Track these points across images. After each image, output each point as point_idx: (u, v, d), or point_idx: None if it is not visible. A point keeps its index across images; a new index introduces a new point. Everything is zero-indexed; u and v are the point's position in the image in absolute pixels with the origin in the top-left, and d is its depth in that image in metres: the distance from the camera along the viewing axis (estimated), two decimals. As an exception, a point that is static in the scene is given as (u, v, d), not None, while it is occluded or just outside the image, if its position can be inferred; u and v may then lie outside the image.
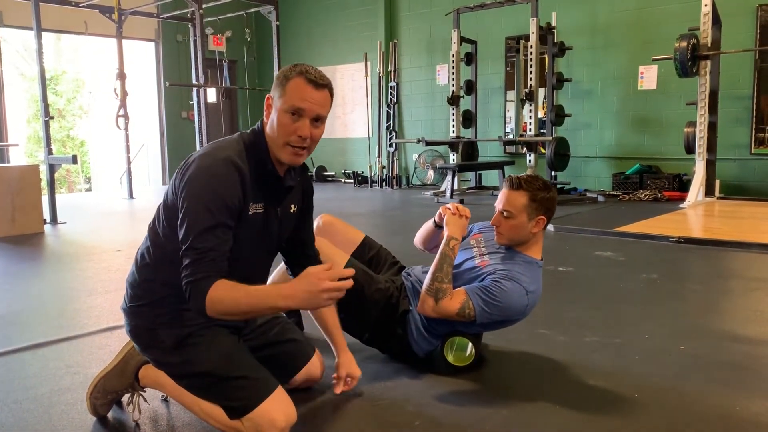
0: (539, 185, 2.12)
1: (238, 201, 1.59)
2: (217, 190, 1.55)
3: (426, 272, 2.19)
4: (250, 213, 1.66)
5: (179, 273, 1.55)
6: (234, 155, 1.61)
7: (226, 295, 1.49)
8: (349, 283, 1.48)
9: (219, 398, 1.66)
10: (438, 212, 2.25)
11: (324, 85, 1.65)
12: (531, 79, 7.41)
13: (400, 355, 2.25)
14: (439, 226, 2.28)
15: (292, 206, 1.83)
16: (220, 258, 1.53)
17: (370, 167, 9.83)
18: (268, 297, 1.53)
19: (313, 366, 1.99)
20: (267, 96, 1.68)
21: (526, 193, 2.09)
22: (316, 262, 1.91)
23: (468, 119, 8.89)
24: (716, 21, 6.47)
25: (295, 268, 1.93)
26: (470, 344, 2.16)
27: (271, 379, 1.70)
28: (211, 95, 10.09)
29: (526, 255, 2.16)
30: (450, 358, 2.18)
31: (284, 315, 2.08)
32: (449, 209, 2.18)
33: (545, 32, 7.72)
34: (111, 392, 1.85)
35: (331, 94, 1.70)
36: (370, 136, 10.08)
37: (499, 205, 2.14)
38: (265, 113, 1.69)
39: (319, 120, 1.66)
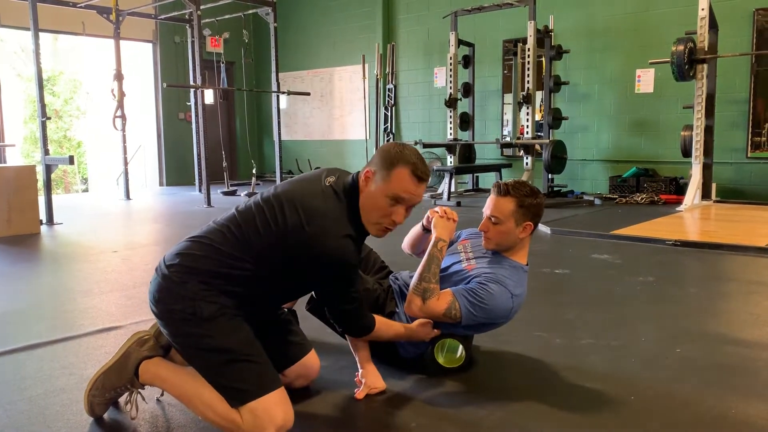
0: (526, 191, 2.13)
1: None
2: (354, 264, 1.79)
3: (413, 277, 2.19)
4: None
5: (241, 284, 1.75)
6: (352, 231, 1.76)
7: (383, 331, 1.98)
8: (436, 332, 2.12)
9: (228, 378, 1.67)
10: (426, 216, 2.26)
11: (427, 180, 1.81)
12: (528, 82, 7.42)
13: (386, 358, 2.24)
14: (427, 230, 2.28)
15: None
16: (364, 301, 1.94)
17: (368, 169, 9.83)
18: (401, 334, 2.07)
19: (310, 361, 2.01)
20: (368, 170, 1.81)
21: (513, 200, 2.11)
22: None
23: (465, 122, 8.90)
24: (713, 25, 6.50)
25: None
26: (461, 346, 2.17)
27: (278, 377, 1.74)
28: (209, 97, 10.09)
29: (512, 260, 2.17)
30: (441, 360, 2.18)
31: (285, 311, 2.11)
32: (437, 212, 2.19)
33: (543, 35, 7.74)
34: (110, 389, 1.85)
35: (427, 185, 1.86)
36: (368, 138, 10.08)
37: (486, 210, 2.16)
38: (362, 179, 1.82)
39: (412, 206, 1.83)
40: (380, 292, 2.25)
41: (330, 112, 10.92)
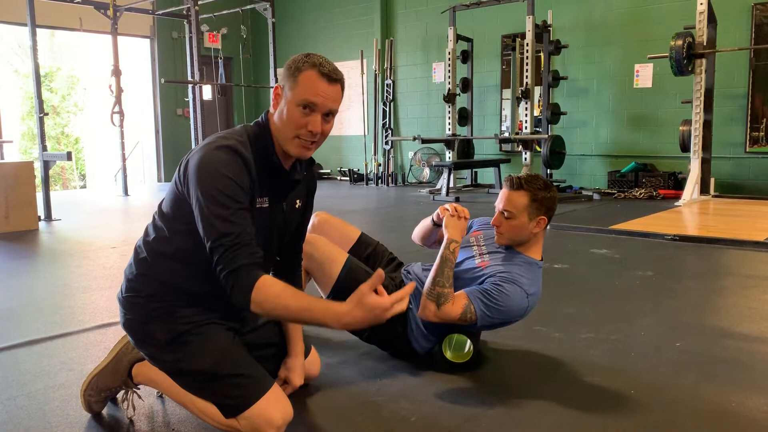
0: (540, 185, 2.10)
1: (248, 185, 1.56)
2: (228, 174, 1.51)
3: (426, 270, 2.17)
4: (256, 206, 1.62)
5: (177, 271, 1.63)
6: (238, 144, 1.57)
7: (276, 299, 1.45)
8: (404, 306, 1.43)
9: (214, 397, 1.63)
10: (436, 212, 2.24)
11: (337, 79, 1.62)
12: (527, 77, 7.42)
13: (400, 353, 2.25)
14: (437, 225, 2.27)
15: (298, 201, 1.78)
16: (252, 241, 1.50)
17: (366, 165, 9.83)
18: (324, 316, 1.44)
19: (309, 363, 1.99)
20: (276, 85, 1.64)
21: (526, 193, 2.08)
22: (298, 259, 1.92)
23: (464, 117, 8.90)
24: (711, 19, 6.49)
25: (278, 264, 1.89)
26: (468, 341, 2.16)
27: (266, 376, 1.67)
28: (207, 92, 10.07)
29: (526, 255, 2.15)
30: (448, 355, 2.17)
31: None
32: (447, 210, 2.16)
33: (541, 30, 7.73)
34: (104, 389, 1.84)
35: (343, 88, 1.66)
36: (366, 133, 10.07)
37: (499, 205, 2.12)
38: (272, 102, 1.65)
39: (330, 114, 1.62)
40: (392, 289, 2.22)
41: (328, 107, 10.89)
